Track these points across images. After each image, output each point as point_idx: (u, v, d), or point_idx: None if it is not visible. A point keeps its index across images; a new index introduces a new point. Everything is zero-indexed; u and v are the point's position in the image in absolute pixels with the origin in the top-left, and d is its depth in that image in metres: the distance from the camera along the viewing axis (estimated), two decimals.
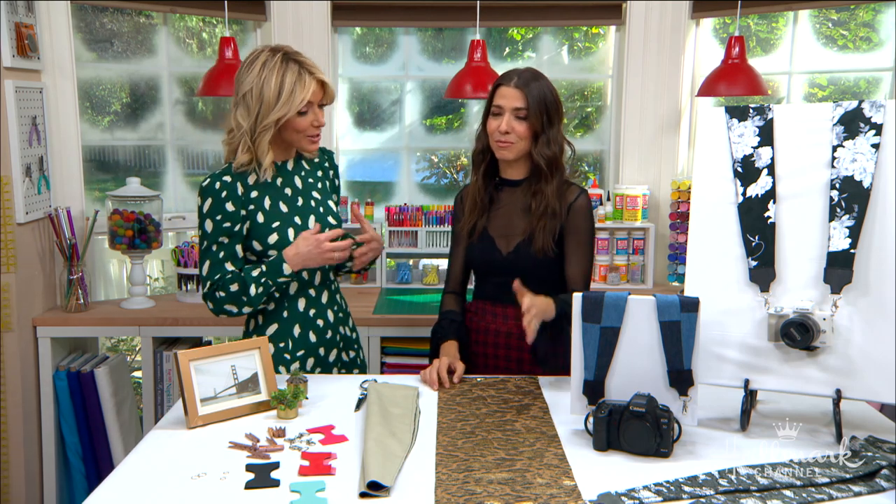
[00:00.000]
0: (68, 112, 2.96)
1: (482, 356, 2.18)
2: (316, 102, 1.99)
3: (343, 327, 2.20)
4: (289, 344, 2.07)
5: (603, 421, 1.59)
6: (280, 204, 2.05)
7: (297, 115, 1.97)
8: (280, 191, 2.06)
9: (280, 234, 2.02)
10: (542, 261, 2.08)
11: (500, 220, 2.14)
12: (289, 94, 1.93)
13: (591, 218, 2.12)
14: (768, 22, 3.51)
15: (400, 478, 1.47)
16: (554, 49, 3.64)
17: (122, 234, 2.96)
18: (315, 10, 3.27)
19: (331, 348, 2.14)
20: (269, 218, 2.02)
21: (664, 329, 1.63)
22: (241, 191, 1.99)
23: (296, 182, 2.10)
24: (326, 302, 2.14)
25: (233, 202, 1.97)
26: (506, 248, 2.12)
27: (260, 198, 2.02)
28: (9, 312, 2.71)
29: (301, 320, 2.09)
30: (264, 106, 1.93)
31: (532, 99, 2.02)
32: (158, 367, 2.93)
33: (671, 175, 3.38)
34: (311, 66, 1.99)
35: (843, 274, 1.63)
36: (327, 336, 2.13)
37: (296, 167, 2.12)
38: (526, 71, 2.09)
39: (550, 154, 2.06)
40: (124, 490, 1.44)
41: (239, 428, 1.70)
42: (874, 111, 1.66)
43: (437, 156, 3.82)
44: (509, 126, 2.03)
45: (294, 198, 2.08)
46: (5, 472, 2.76)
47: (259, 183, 2.03)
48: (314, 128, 2.01)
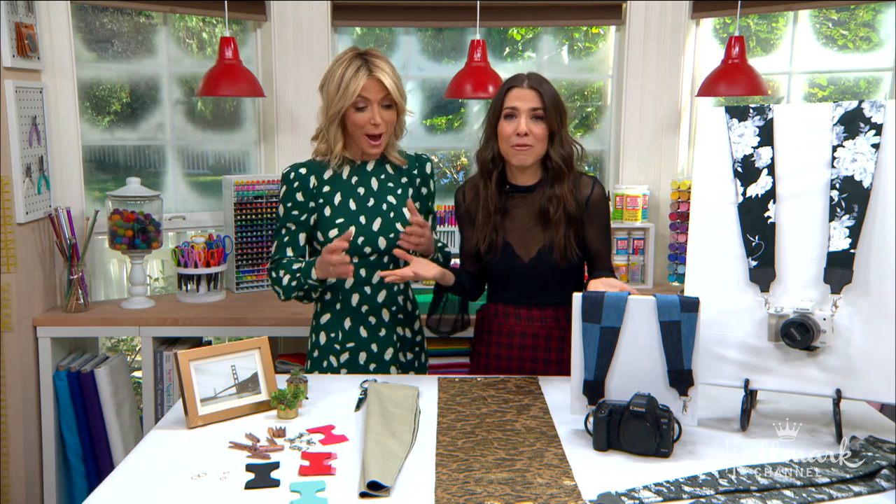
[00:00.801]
0: (68, 112, 2.96)
1: (506, 358, 2.17)
2: (375, 101, 2.04)
3: (403, 328, 2.21)
4: (339, 335, 2.15)
5: (603, 421, 1.59)
6: (350, 201, 2.12)
7: (355, 110, 2.05)
8: (353, 189, 2.13)
9: (341, 230, 2.09)
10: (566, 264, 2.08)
11: (516, 228, 2.10)
12: (345, 87, 2.02)
13: (607, 205, 2.15)
14: (768, 22, 3.51)
15: (400, 478, 1.47)
16: (554, 49, 3.63)
17: (122, 234, 2.96)
18: (315, 10, 3.27)
19: (385, 346, 2.17)
20: (336, 213, 2.11)
21: (664, 329, 1.63)
22: (314, 183, 2.12)
23: (371, 183, 2.15)
24: (383, 301, 2.16)
25: (303, 193, 2.12)
26: (527, 256, 2.10)
27: (331, 192, 2.12)
28: (9, 312, 2.71)
29: (353, 314, 2.15)
30: (328, 97, 2.07)
31: (547, 98, 2.02)
32: (158, 367, 2.93)
33: (671, 175, 3.38)
34: (378, 65, 2.04)
35: (843, 274, 1.63)
36: (381, 334, 2.16)
37: (376, 169, 2.18)
38: (533, 73, 2.08)
39: (566, 154, 2.05)
40: (124, 490, 1.44)
41: (239, 428, 1.70)
42: (874, 111, 1.66)
43: (437, 156, 3.82)
44: (527, 127, 2.00)
45: (366, 198, 2.14)
46: (5, 472, 2.76)
47: (333, 178, 2.13)
48: (372, 125, 2.05)
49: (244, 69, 2.97)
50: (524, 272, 2.10)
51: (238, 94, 2.96)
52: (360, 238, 2.10)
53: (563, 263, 2.07)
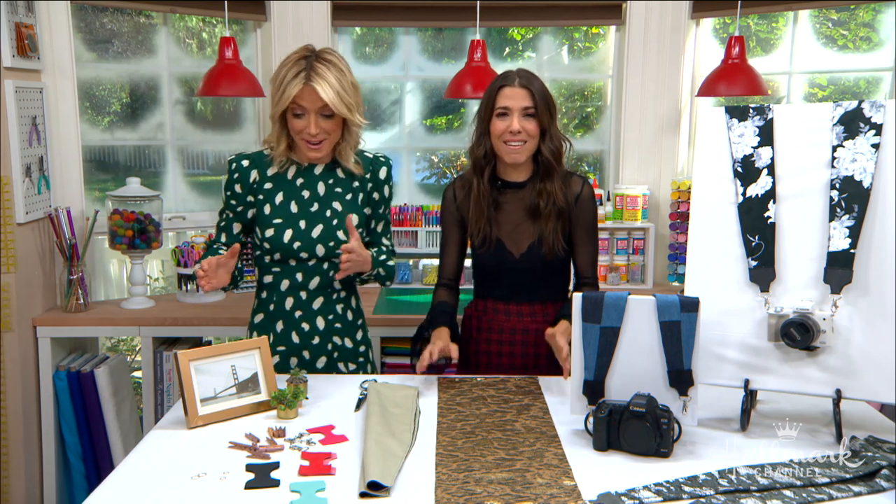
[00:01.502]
0: (68, 112, 2.96)
1: (496, 355, 2.18)
2: (312, 110, 1.96)
3: (341, 338, 2.15)
4: (270, 337, 2.10)
5: (603, 421, 1.59)
6: (292, 203, 2.06)
7: (293, 115, 1.98)
8: (297, 190, 2.08)
9: (277, 231, 2.04)
10: (554, 259, 2.12)
11: (507, 223, 2.14)
12: (282, 91, 1.95)
13: (595, 206, 2.17)
14: (768, 22, 3.51)
15: (400, 478, 1.47)
16: (554, 49, 3.63)
17: (122, 234, 2.96)
18: (315, 10, 3.27)
19: (318, 355, 2.12)
20: (274, 212, 2.06)
21: (664, 329, 1.63)
22: (255, 178, 2.07)
23: (318, 187, 2.09)
24: (319, 308, 2.11)
25: (241, 185, 2.07)
26: (517, 251, 2.12)
27: (273, 190, 2.07)
28: (9, 312, 2.71)
29: (286, 318, 2.10)
30: (271, 96, 2.02)
31: (538, 96, 2.04)
32: (158, 367, 2.93)
33: (671, 175, 3.38)
34: (319, 72, 1.94)
35: (843, 274, 1.63)
36: (314, 342, 2.11)
37: (325, 173, 2.10)
38: (522, 70, 2.10)
39: (555, 149, 2.08)
40: (124, 490, 1.44)
41: (239, 428, 1.70)
42: (874, 111, 1.66)
43: (437, 156, 3.82)
44: (520, 124, 2.03)
45: (310, 201, 2.08)
46: (5, 472, 2.76)
47: (277, 176, 2.07)
48: (308, 134, 1.98)
49: (244, 69, 2.97)
50: (515, 267, 2.13)
51: (238, 94, 2.96)
52: (297, 243, 2.04)
53: (550, 257, 2.10)
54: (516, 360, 2.17)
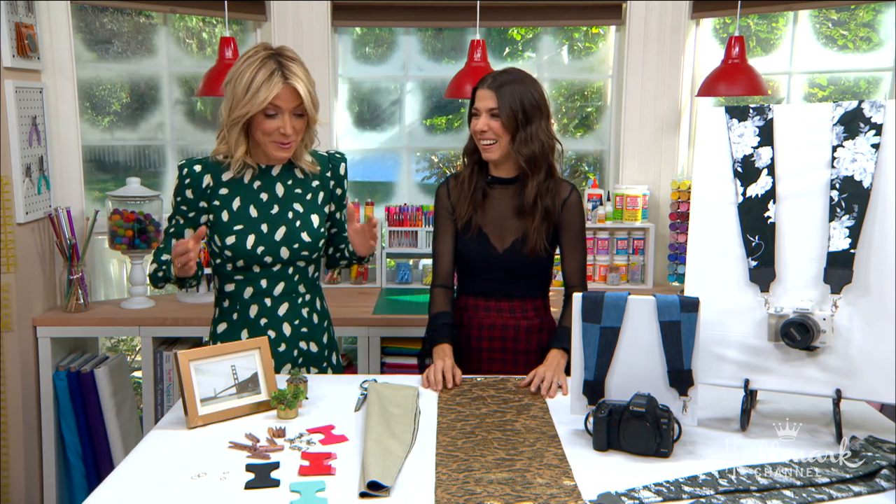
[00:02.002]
0: (68, 112, 2.96)
1: (476, 350, 2.21)
2: (287, 109, 1.90)
3: (307, 343, 2.09)
4: None
5: (603, 421, 1.59)
6: (250, 208, 2.00)
7: (264, 116, 1.89)
8: (255, 194, 2.01)
9: (239, 237, 1.98)
10: (535, 258, 2.15)
11: (493, 217, 2.18)
12: (255, 92, 1.86)
13: (583, 213, 2.20)
14: (768, 22, 3.51)
15: (400, 478, 1.47)
16: (554, 49, 3.63)
17: (122, 234, 2.96)
18: (315, 10, 3.27)
19: (283, 362, 2.06)
20: (234, 219, 1.99)
21: (664, 329, 1.63)
22: (209, 183, 1.99)
23: (276, 189, 2.02)
24: (284, 314, 2.05)
25: (193, 191, 1.99)
26: (501, 246, 2.16)
27: (229, 196, 2.00)
28: (9, 312, 2.71)
29: (250, 327, 2.04)
30: (234, 100, 1.90)
31: (503, 99, 2.08)
32: (158, 367, 2.93)
33: (671, 175, 3.38)
34: (293, 70, 1.89)
35: (843, 274, 1.63)
36: (280, 349, 2.04)
37: (282, 174, 2.03)
38: (504, 72, 2.14)
39: (529, 152, 2.10)
40: (124, 490, 1.44)
41: (239, 428, 1.70)
42: (874, 111, 1.66)
43: (437, 156, 3.82)
44: (486, 125, 2.09)
45: (269, 204, 2.01)
46: (5, 472, 2.76)
47: (233, 181, 2.00)
48: (280, 134, 1.91)
49: None
50: (497, 262, 2.15)
51: None
52: (260, 248, 1.98)
53: (532, 255, 2.14)
54: (495, 355, 2.20)
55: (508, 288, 2.19)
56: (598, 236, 3.31)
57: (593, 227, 3.29)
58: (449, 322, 2.17)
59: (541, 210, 2.12)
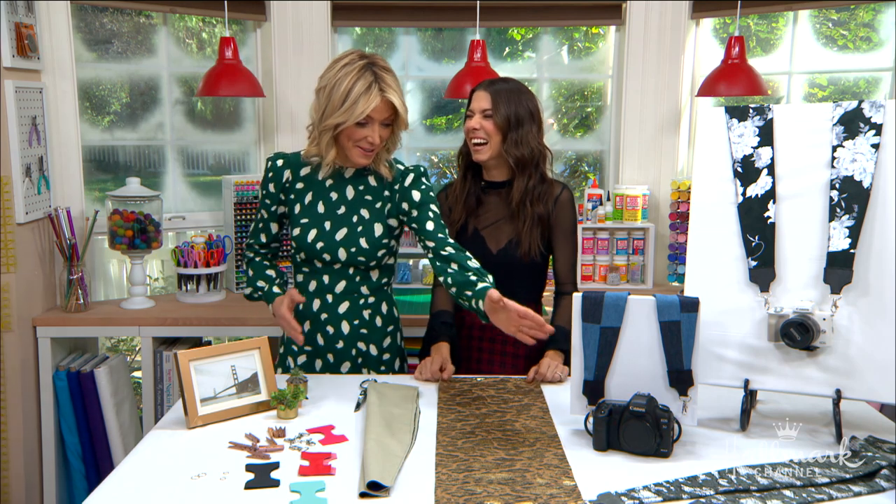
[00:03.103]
0: (68, 112, 2.96)
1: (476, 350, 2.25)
2: (378, 120, 1.96)
3: (366, 344, 2.12)
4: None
5: (603, 421, 1.59)
6: (319, 204, 2.07)
7: (356, 125, 1.95)
8: (326, 192, 2.08)
9: (303, 230, 2.05)
10: (530, 262, 2.18)
11: (488, 220, 2.21)
12: (352, 103, 1.91)
13: (574, 210, 2.22)
14: (768, 22, 3.51)
15: (400, 478, 1.47)
16: (554, 49, 3.63)
17: (122, 234, 2.96)
18: (315, 10, 3.27)
19: (342, 360, 2.11)
20: (303, 212, 2.07)
21: (664, 329, 1.63)
22: (288, 177, 2.09)
23: (346, 191, 2.08)
24: (345, 312, 2.09)
25: (275, 185, 2.09)
26: (496, 247, 2.20)
27: (304, 191, 2.08)
28: (9, 312, 2.71)
29: (312, 320, 2.10)
30: (329, 107, 1.95)
31: (498, 99, 2.13)
32: (158, 367, 2.93)
33: (671, 175, 3.38)
34: (388, 83, 1.94)
35: (842, 274, 1.63)
36: (338, 346, 2.10)
37: (355, 178, 2.09)
38: (502, 79, 2.21)
39: (519, 154, 2.13)
40: (124, 490, 1.44)
41: (239, 428, 1.70)
42: (874, 111, 1.66)
43: (437, 156, 3.82)
44: (479, 123, 2.14)
45: (337, 204, 2.07)
46: (5, 473, 2.76)
47: (309, 177, 2.08)
48: (368, 143, 1.97)
49: (244, 69, 2.97)
50: (491, 262, 2.14)
51: (238, 94, 2.96)
52: (320, 244, 2.04)
53: (526, 259, 2.16)
54: (495, 357, 2.22)
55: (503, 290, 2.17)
56: (598, 236, 3.31)
57: (593, 226, 3.29)
58: (448, 321, 2.19)
59: (532, 215, 2.15)
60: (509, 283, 2.18)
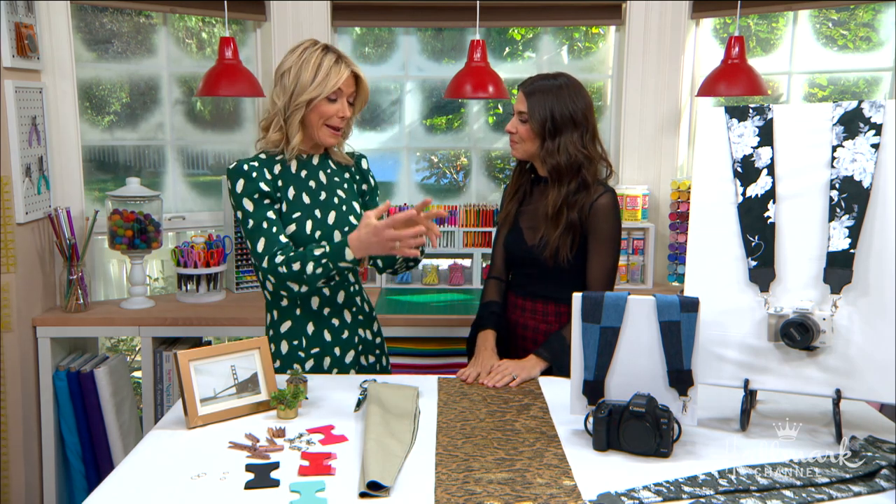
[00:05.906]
0: (68, 112, 2.96)
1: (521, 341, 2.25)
2: (346, 94, 2.02)
3: (364, 330, 2.17)
4: (302, 342, 2.08)
5: (603, 421, 1.59)
6: (303, 195, 2.07)
7: (326, 100, 1.99)
8: (304, 182, 2.08)
9: (298, 224, 2.04)
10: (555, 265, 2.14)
11: (530, 212, 2.22)
12: (324, 76, 1.97)
13: (612, 217, 2.13)
14: (768, 22, 3.51)
15: (400, 478, 1.47)
16: (554, 49, 3.63)
17: (122, 234, 2.96)
18: (315, 10, 3.27)
19: (347, 349, 2.13)
20: (291, 208, 2.05)
21: (664, 329, 1.63)
22: (269, 176, 2.04)
23: (320, 176, 2.11)
24: (343, 302, 2.12)
25: (265, 182, 2.01)
26: (531, 240, 2.19)
27: (285, 187, 2.06)
28: (9, 312, 2.71)
29: (314, 318, 2.09)
30: (300, 85, 1.98)
31: (533, 105, 2.10)
32: (158, 367, 2.93)
33: (671, 175, 3.38)
34: (349, 59, 2.04)
35: (842, 274, 1.63)
36: (343, 336, 2.12)
37: (321, 163, 2.12)
38: (543, 77, 2.15)
39: (554, 162, 2.09)
40: (124, 490, 1.44)
41: (239, 428, 1.70)
42: (874, 111, 1.66)
43: (437, 156, 3.82)
44: (514, 126, 2.14)
45: (317, 191, 2.09)
46: (5, 472, 2.76)
47: (283, 173, 2.06)
48: (338, 118, 2.02)
49: (244, 69, 2.97)
50: (526, 257, 2.19)
51: (238, 94, 2.96)
52: (318, 232, 2.04)
53: (550, 263, 2.12)
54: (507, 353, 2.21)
55: (535, 284, 2.22)
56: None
57: None
58: (496, 311, 2.23)
59: (565, 222, 2.10)
60: (541, 279, 2.21)
